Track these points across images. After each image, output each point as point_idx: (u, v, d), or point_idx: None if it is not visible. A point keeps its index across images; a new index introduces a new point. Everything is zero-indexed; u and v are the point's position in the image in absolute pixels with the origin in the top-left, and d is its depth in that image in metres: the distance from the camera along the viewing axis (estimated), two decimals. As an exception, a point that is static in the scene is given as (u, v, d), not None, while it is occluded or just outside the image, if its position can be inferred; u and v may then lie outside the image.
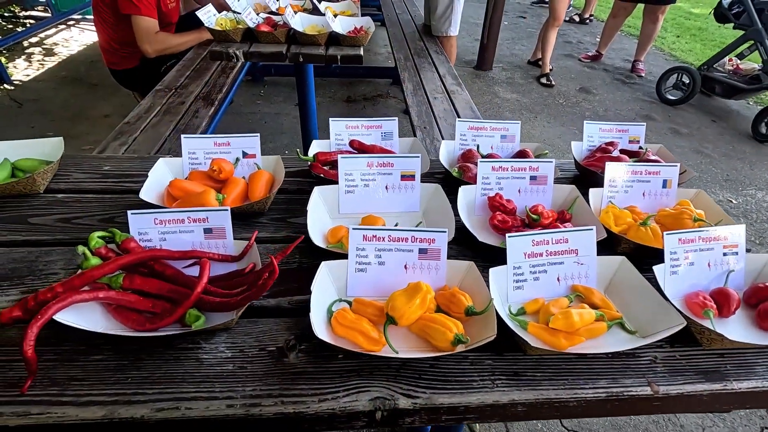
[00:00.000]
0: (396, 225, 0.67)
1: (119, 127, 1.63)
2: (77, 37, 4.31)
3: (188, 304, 0.48)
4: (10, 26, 4.38)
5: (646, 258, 0.67)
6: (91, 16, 4.72)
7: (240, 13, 1.41)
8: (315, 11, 1.58)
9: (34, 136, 2.59)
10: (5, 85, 3.26)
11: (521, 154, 0.86)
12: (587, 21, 6.00)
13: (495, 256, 0.65)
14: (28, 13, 4.70)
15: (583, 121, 0.94)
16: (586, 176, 0.88)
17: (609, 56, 4.73)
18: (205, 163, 0.76)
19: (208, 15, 1.43)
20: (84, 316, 0.49)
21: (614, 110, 3.59)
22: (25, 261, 0.60)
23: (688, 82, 3.59)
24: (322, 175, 0.82)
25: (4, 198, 0.76)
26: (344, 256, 0.57)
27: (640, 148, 0.91)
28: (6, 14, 4.44)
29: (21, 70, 3.54)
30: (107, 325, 0.49)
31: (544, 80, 3.99)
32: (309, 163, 0.84)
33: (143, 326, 0.48)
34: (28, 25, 4.48)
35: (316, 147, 0.86)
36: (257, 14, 1.46)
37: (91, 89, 3.32)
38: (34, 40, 4.08)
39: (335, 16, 1.48)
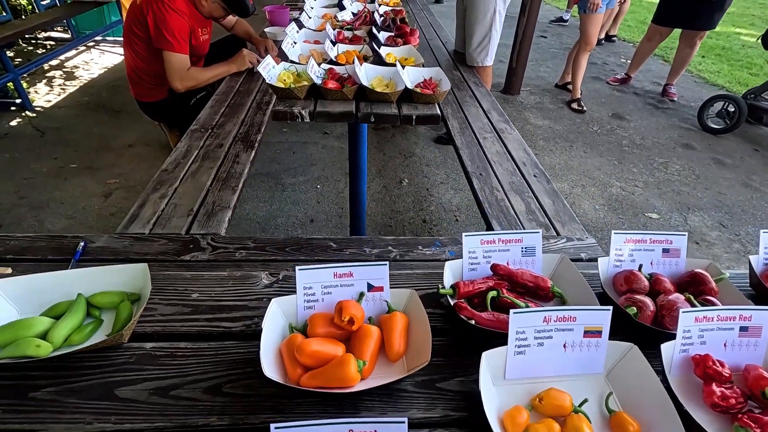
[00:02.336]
0: (585, 401, 0.53)
1: (157, 176, 1.51)
2: (97, 60, 4.24)
3: None
4: (30, 48, 4.32)
5: None
6: (111, 38, 4.67)
7: (299, 63, 1.29)
8: (376, 59, 1.46)
9: (57, 168, 2.49)
10: (27, 113, 3.16)
11: (695, 278, 0.73)
12: (612, 40, 5.89)
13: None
14: (47, 34, 4.64)
15: (621, 151, 0.81)
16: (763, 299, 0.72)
17: (637, 78, 4.62)
18: (323, 299, 0.63)
19: (267, 69, 1.31)
20: None
21: (651, 138, 3.46)
22: (122, 473, 0.46)
23: (733, 110, 3.45)
24: (473, 321, 0.65)
25: (81, 354, 0.60)
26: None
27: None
28: (26, 35, 4.38)
29: (42, 96, 3.45)
30: None
31: (575, 105, 3.87)
32: (452, 302, 0.69)
33: None
34: (48, 46, 4.42)
35: (449, 274, 0.71)
36: (318, 65, 1.33)
37: (114, 116, 3.22)
38: (54, 62, 4.00)
39: (403, 67, 1.36)
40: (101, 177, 2.53)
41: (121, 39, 4.72)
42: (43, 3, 4.87)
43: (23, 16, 4.91)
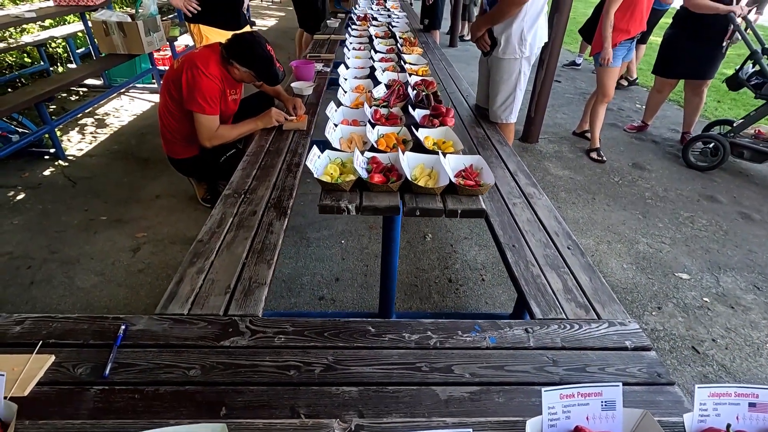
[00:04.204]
0: None
1: (194, 247, 1.53)
2: (127, 106, 4.41)
3: None
4: (64, 94, 4.51)
5: None
6: (140, 84, 4.86)
7: (341, 151, 1.33)
8: (415, 141, 1.49)
9: (88, 221, 2.56)
10: (60, 162, 3.27)
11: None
12: (636, 83, 5.96)
13: None
14: (81, 81, 4.85)
15: (644, 203, 0.78)
16: None
17: (654, 125, 4.65)
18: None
19: (314, 162, 1.35)
20: None
21: (674, 190, 3.43)
22: None
23: (714, 147, 3.59)
24: None
25: None
26: None
27: None
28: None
29: (74, 144, 3.58)
30: None
31: (594, 155, 3.89)
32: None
33: None
34: (81, 92, 4.61)
35: (532, 433, 0.69)
36: (362, 153, 1.37)
37: (142, 165, 3.31)
38: (86, 109, 4.17)
39: (444, 155, 1.38)
40: (129, 230, 2.57)
41: (149, 85, 4.92)
42: (78, 52, 5.14)
43: (59, 64, 5.17)
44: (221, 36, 2.90)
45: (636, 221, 2.99)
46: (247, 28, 3.14)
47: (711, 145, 3.64)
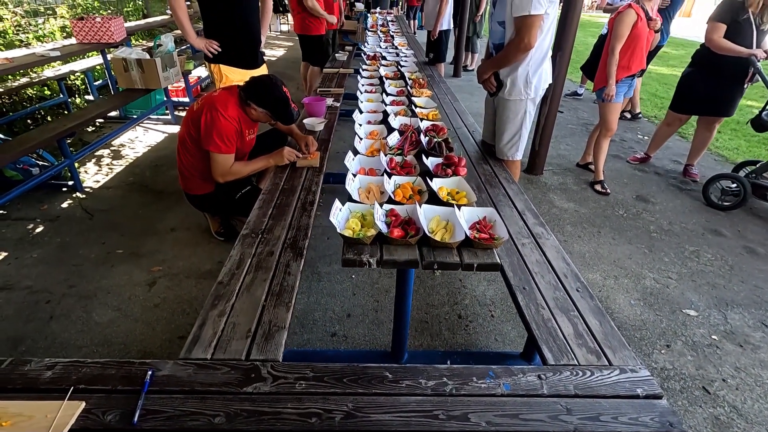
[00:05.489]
0: None
1: (214, 289, 1.57)
2: (141, 137, 4.54)
3: None
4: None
5: None
6: (154, 116, 5.02)
7: (360, 203, 1.40)
8: (430, 191, 1.57)
9: (105, 254, 2.62)
10: (78, 194, 3.36)
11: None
12: (638, 117, 6.06)
13: None
14: (98, 113, 5.01)
15: (650, 237, 0.81)
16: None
17: (657, 157, 4.72)
18: None
19: (336, 216, 1.42)
20: None
21: (679, 223, 3.47)
22: None
23: (737, 188, 3.60)
24: None
25: None
26: None
27: None
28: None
29: (91, 176, 3.68)
30: None
31: (598, 188, 3.95)
32: None
33: None
34: (98, 123, 4.75)
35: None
36: (381, 205, 1.44)
37: (157, 197, 3.39)
38: (104, 142, 4.29)
39: (459, 208, 1.45)
40: (145, 264, 2.63)
41: (163, 116, 5.07)
42: (96, 84, 5.33)
43: (77, 95, 5.35)
44: (241, 75, 3.02)
45: (642, 255, 3.02)
46: (264, 68, 3.27)
47: (733, 185, 3.64)
